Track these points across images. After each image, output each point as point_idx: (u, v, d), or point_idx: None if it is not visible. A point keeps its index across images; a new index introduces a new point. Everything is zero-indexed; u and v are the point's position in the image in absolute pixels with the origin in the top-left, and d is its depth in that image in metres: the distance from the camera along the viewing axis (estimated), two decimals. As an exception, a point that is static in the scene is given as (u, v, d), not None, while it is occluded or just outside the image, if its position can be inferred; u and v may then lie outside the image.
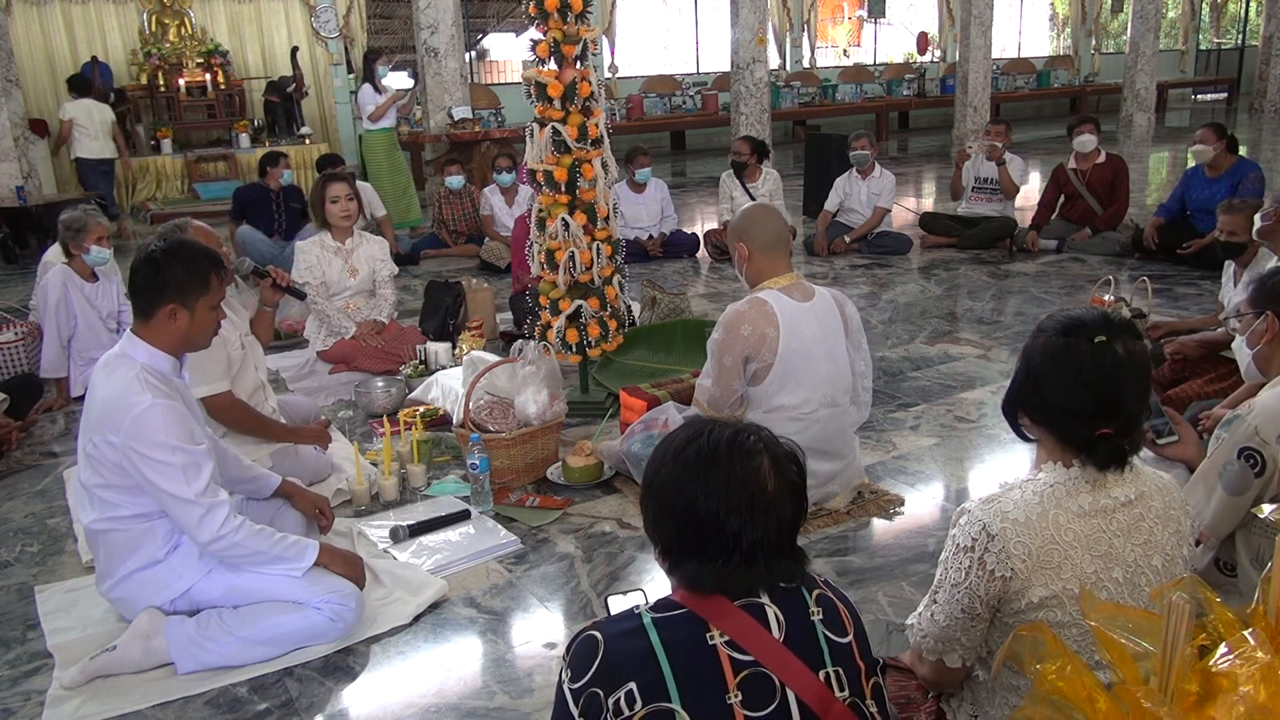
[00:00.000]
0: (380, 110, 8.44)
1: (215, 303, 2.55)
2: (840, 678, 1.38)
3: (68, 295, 4.50)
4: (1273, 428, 2.06)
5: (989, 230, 7.05)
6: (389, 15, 13.68)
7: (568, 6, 3.64)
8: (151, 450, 2.34)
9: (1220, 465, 2.11)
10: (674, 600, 1.39)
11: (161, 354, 2.47)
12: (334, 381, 4.68)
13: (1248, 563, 2.15)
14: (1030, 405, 1.64)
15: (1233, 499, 2.09)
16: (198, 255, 2.52)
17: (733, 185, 7.29)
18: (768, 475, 1.38)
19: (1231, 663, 1.27)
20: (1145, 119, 14.06)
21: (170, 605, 2.51)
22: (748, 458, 1.38)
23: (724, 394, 3.01)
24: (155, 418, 2.34)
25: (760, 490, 1.36)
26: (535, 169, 3.80)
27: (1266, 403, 2.12)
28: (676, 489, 1.39)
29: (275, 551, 2.49)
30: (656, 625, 1.35)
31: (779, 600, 1.39)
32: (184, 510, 2.38)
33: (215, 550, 2.44)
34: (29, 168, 8.57)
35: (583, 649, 1.36)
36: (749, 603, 1.37)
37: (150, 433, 2.33)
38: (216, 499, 2.41)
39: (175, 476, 2.35)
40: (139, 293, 2.47)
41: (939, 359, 4.73)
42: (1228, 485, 2.10)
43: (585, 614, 2.68)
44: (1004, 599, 1.59)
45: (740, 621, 1.35)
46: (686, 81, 14.85)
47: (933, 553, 2.88)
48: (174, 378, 2.51)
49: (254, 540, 2.45)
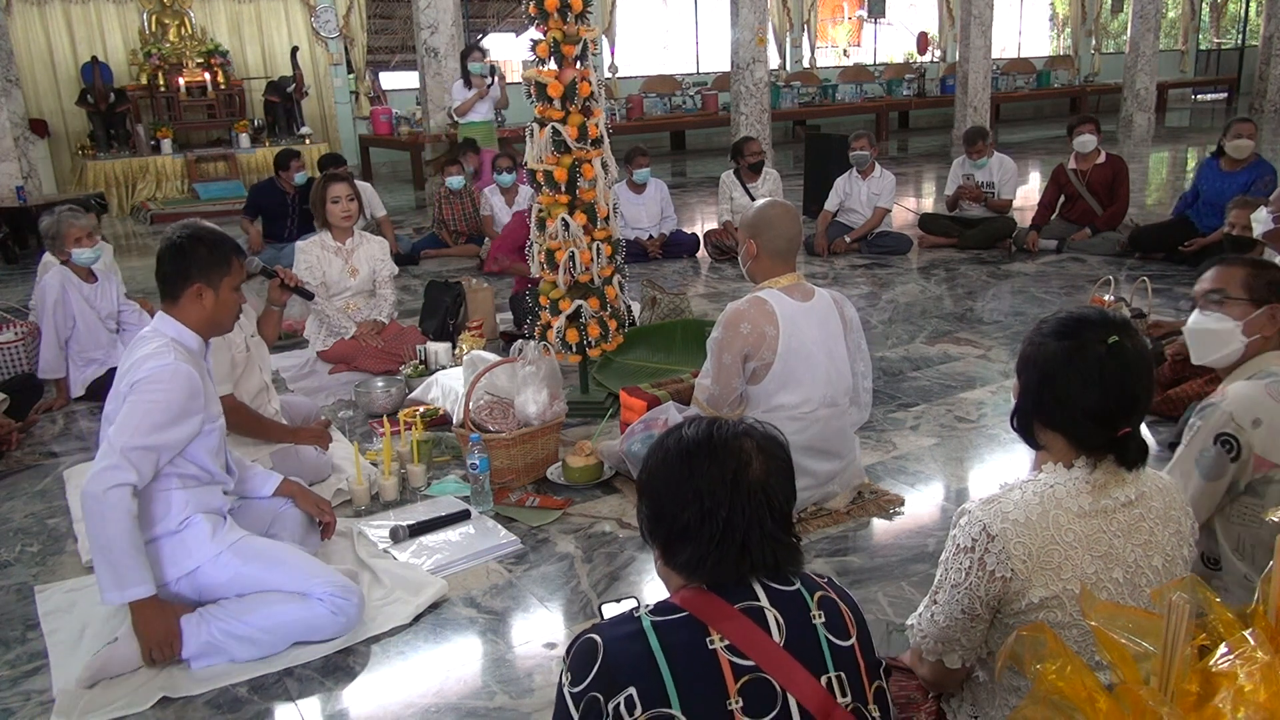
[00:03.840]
0: (465, 105, 8.65)
1: (237, 284, 2.67)
2: (842, 682, 1.37)
3: (66, 296, 4.49)
4: (1247, 413, 2.10)
5: (989, 230, 7.06)
6: (389, 15, 13.66)
7: (568, 6, 3.64)
8: (144, 395, 2.39)
9: (1197, 452, 2.15)
10: (674, 603, 1.38)
11: (189, 332, 2.58)
12: (334, 381, 4.68)
13: (1230, 553, 2.18)
14: (1048, 413, 1.63)
15: (1209, 484, 2.13)
16: (219, 238, 2.64)
17: (733, 185, 7.29)
18: (751, 455, 1.38)
19: (1231, 663, 1.27)
20: (1145, 119, 14.05)
21: (176, 585, 2.52)
22: (729, 440, 1.39)
23: (723, 392, 3.01)
24: (168, 376, 2.41)
25: (743, 469, 1.37)
26: (535, 169, 3.80)
27: (1240, 390, 2.16)
28: (663, 480, 1.41)
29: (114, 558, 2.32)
30: (656, 629, 1.33)
31: (779, 603, 1.37)
32: (105, 451, 2.36)
33: (84, 499, 2.33)
34: (29, 168, 8.57)
35: (582, 652, 1.35)
36: (748, 606, 1.36)
37: (156, 385, 2.40)
38: (129, 475, 2.32)
39: (132, 427, 2.36)
40: (166, 277, 2.58)
41: (939, 359, 4.73)
42: (1204, 471, 2.13)
43: (585, 614, 2.68)
44: (1004, 599, 1.59)
45: (740, 625, 1.34)
46: (686, 81, 14.85)
47: (933, 553, 2.88)
48: (200, 358, 2.59)
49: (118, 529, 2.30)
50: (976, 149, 7.13)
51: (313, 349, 4.89)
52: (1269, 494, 2.11)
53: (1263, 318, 2.24)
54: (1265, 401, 2.10)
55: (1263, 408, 2.10)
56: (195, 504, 2.54)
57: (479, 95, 8.62)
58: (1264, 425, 2.08)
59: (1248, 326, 2.25)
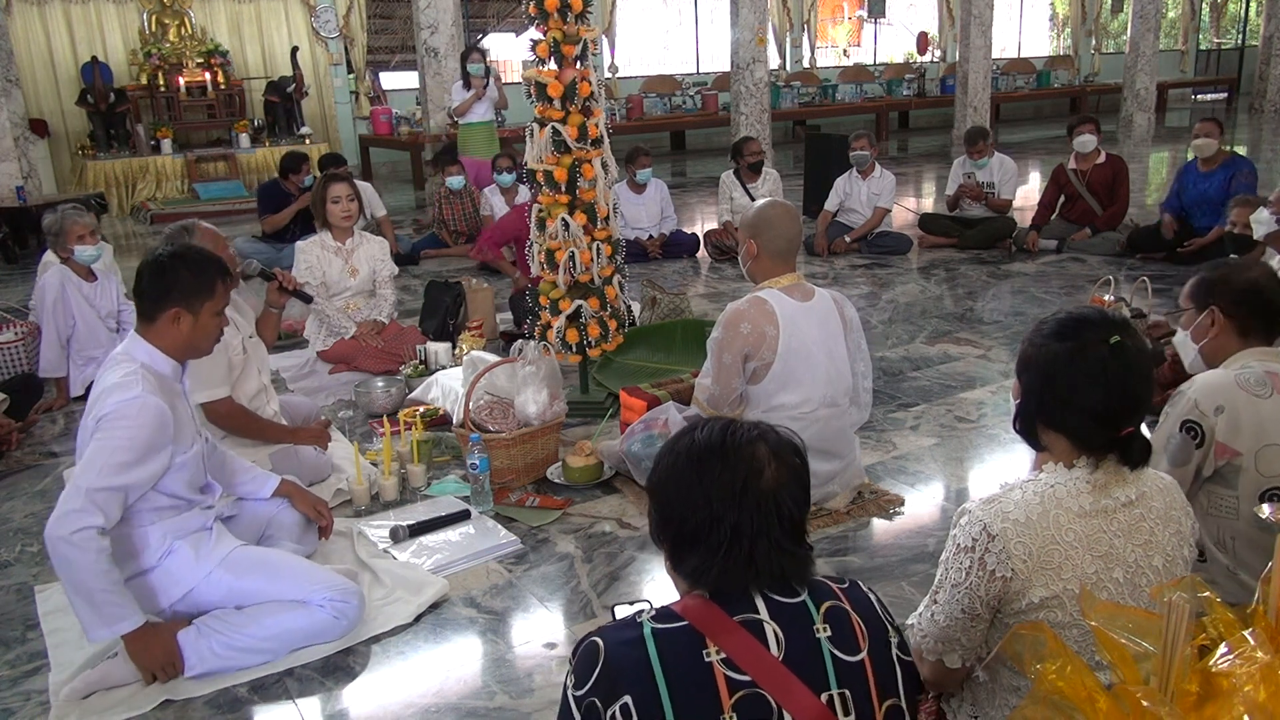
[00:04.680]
0: (464, 106, 8.67)
1: (219, 309, 2.53)
2: (846, 701, 1.31)
3: (65, 295, 4.49)
4: (1210, 400, 2.15)
5: (989, 230, 7.06)
6: (389, 15, 13.66)
7: (568, 6, 3.64)
8: (109, 433, 2.27)
9: (1164, 439, 2.20)
10: (675, 611, 1.35)
11: (163, 356, 2.46)
12: (334, 381, 4.68)
13: (1213, 546, 2.21)
14: (1051, 414, 1.64)
15: (1176, 470, 2.17)
16: (204, 261, 2.50)
17: (733, 185, 7.29)
18: (765, 461, 1.35)
19: (1231, 663, 1.27)
20: (1145, 119, 14.06)
21: (170, 610, 2.48)
22: (743, 445, 1.36)
23: (723, 392, 3.01)
24: (134, 412, 2.29)
25: (755, 477, 1.34)
26: (535, 169, 3.80)
27: (1205, 378, 2.22)
28: (673, 484, 1.39)
29: (93, 599, 2.23)
30: (655, 636, 1.32)
31: (779, 616, 1.34)
32: (70, 493, 2.25)
33: (50, 543, 2.22)
34: (29, 168, 8.57)
35: (585, 656, 1.34)
36: (747, 619, 1.33)
37: (121, 421, 2.28)
38: (94, 519, 2.21)
39: (97, 467, 2.24)
40: (144, 296, 2.45)
41: (939, 359, 4.73)
42: (1171, 458, 2.19)
43: (585, 614, 2.68)
44: (1004, 599, 1.59)
45: (738, 639, 1.31)
46: (686, 81, 14.85)
47: (933, 553, 2.88)
48: (174, 382, 2.49)
49: (90, 571, 2.21)
50: (977, 148, 7.14)
51: (313, 349, 4.89)
52: (1240, 483, 2.15)
53: (1204, 321, 2.33)
54: (1230, 389, 2.15)
55: (1226, 395, 2.15)
56: (174, 532, 2.45)
57: (476, 96, 8.65)
58: (1226, 412, 2.13)
59: (1194, 333, 2.36)
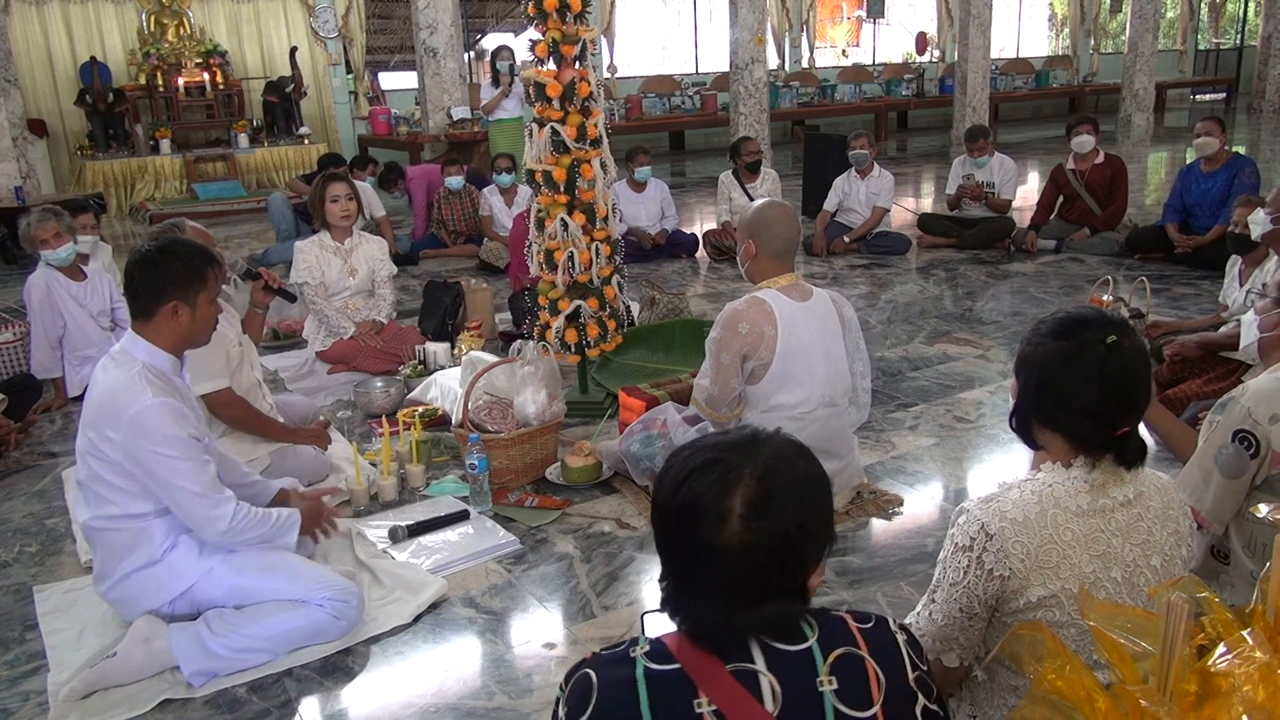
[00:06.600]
0: (491, 103, 8.95)
1: (213, 296, 2.57)
2: None
3: (52, 295, 4.48)
4: (1265, 409, 2.06)
5: (987, 230, 7.06)
6: (388, 15, 13.67)
7: (567, 6, 3.64)
8: (159, 445, 2.35)
9: (1216, 449, 2.11)
10: (670, 651, 1.25)
11: (162, 352, 2.47)
12: (333, 381, 4.68)
13: (1240, 549, 2.16)
14: (1047, 413, 1.63)
15: (1230, 482, 2.09)
16: (192, 251, 2.54)
17: (732, 185, 7.29)
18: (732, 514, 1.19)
19: (1230, 662, 1.27)
20: (1144, 119, 14.06)
21: (170, 606, 2.50)
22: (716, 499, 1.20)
23: (722, 392, 3.01)
24: (156, 415, 2.35)
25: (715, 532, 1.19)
26: (534, 169, 3.80)
27: (1259, 385, 2.12)
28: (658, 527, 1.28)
29: (272, 533, 2.57)
30: (648, 679, 1.22)
31: (777, 666, 1.22)
32: (195, 504, 2.40)
33: (222, 544, 2.49)
34: (28, 168, 8.57)
35: (578, 691, 1.25)
36: (739, 669, 1.21)
37: (155, 429, 2.35)
38: (223, 493, 2.46)
39: (185, 471, 2.38)
40: (138, 294, 2.46)
41: (938, 359, 4.73)
42: (1224, 469, 2.09)
43: (584, 614, 2.68)
44: (1002, 598, 1.60)
45: (730, 691, 1.20)
46: (685, 81, 14.85)
47: (931, 552, 2.89)
48: (174, 377, 2.50)
49: (257, 527, 2.53)
50: (978, 146, 7.13)
51: (312, 349, 4.89)
52: None
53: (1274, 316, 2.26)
54: None
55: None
56: (179, 527, 2.50)
57: (503, 94, 8.92)
58: None
59: (1265, 321, 2.29)
